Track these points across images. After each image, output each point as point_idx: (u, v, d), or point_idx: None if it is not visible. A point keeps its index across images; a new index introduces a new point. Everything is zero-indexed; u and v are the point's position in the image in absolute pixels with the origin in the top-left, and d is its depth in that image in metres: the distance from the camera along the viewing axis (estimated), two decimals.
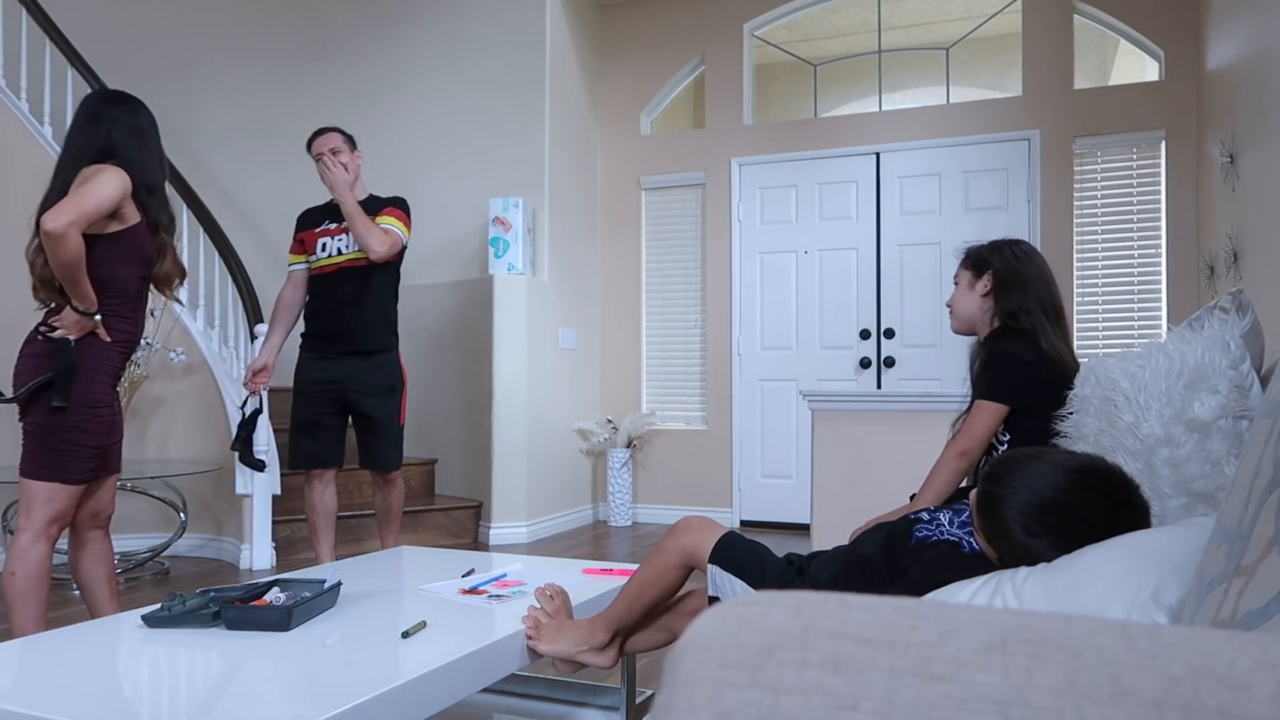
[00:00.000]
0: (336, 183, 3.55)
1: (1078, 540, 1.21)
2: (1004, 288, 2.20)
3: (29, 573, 2.50)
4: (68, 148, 2.57)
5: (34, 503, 2.51)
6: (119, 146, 2.54)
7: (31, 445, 2.52)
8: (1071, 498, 1.26)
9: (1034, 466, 1.31)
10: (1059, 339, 2.14)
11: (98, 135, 2.54)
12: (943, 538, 1.49)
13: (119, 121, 2.57)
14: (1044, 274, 2.22)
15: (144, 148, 2.59)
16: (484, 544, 5.10)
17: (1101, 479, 1.29)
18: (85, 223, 2.38)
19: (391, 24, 5.94)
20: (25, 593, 2.51)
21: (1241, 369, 1.57)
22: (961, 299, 2.28)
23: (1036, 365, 2.10)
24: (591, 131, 6.16)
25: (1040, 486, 1.28)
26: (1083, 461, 1.31)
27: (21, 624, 2.51)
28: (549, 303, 5.52)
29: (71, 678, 1.40)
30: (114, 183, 2.45)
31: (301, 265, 3.72)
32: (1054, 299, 2.20)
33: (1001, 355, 2.13)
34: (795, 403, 5.74)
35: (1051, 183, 5.23)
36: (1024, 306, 2.16)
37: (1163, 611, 0.98)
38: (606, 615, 1.82)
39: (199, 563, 4.58)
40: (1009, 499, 1.30)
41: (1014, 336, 2.16)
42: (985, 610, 0.41)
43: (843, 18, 5.92)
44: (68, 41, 4.61)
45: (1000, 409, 2.09)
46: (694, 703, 0.38)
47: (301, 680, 1.40)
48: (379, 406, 3.64)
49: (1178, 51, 5.02)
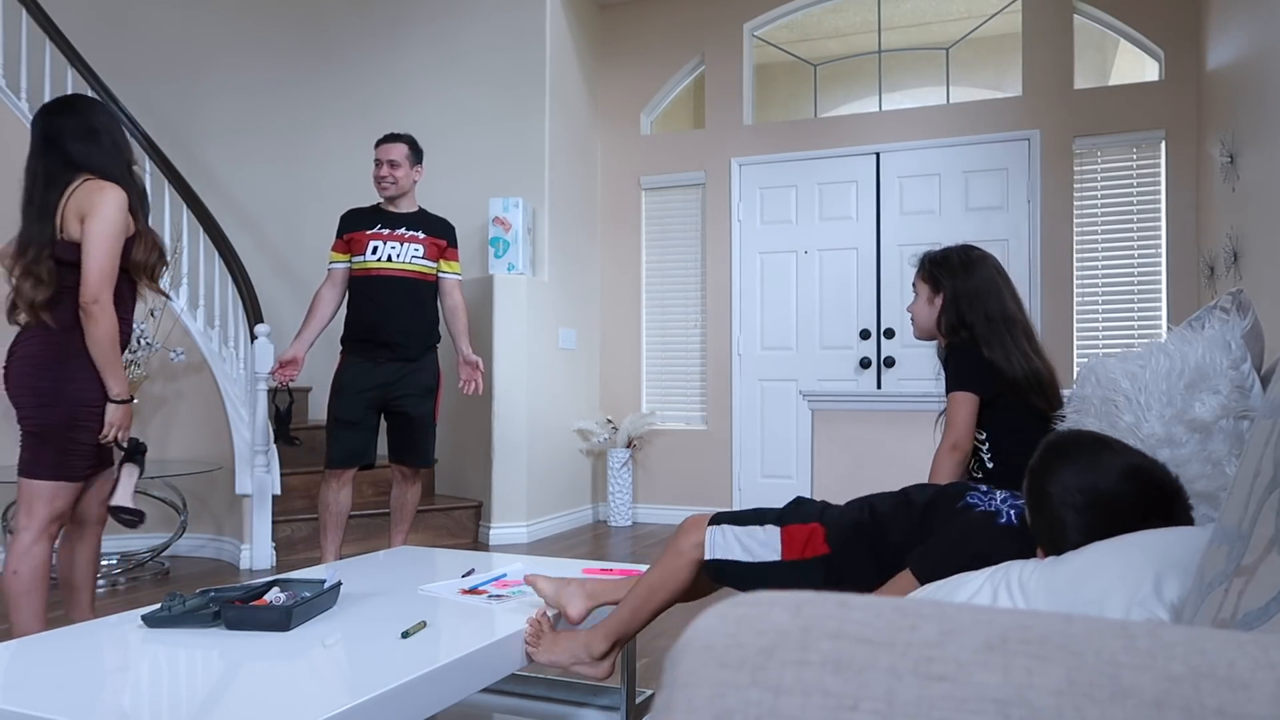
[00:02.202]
0: (457, 334, 3.91)
1: (1105, 530, 1.23)
2: (952, 306, 2.27)
3: (32, 571, 2.52)
4: (31, 174, 2.57)
5: (36, 501, 2.52)
6: (75, 155, 2.55)
7: (32, 445, 2.53)
8: (1117, 486, 1.29)
9: (1094, 449, 1.34)
10: (1012, 346, 2.19)
11: (55, 155, 2.56)
12: (987, 508, 1.58)
13: (66, 131, 2.57)
14: (993, 283, 2.27)
15: (98, 144, 2.59)
16: (484, 544, 5.10)
17: (1151, 480, 1.30)
18: (113, 273, 2.51)
19: (391, 23, 5.94)
20: (28, 591, 2.53)
21: (1242, 369, 1.57)
22: (920, 310, 2.37)
23: (991, 362, 2.19)
24: (591, 131, 6.16)
25: (1094, 466, 1.31)
26: (1144, 461, 1.33)
27: (24, 622, 2.53)
28: (549, 303, 5.52)
29: (71, 678, 1.40)
30: (114, 208, 2.50)
31: (344, 264, 3.79)
32: (1004, 308, 2.24)
33: (957, 351, 2.24)
34: (795, 403, 5.74)
35: (1051, 183, 5.23)
36: (966, 322, 2.24)
37: (1164, 605, 0.98)
38: (608, 626, 1.80)
39: (199, 563, 4.58)
40: (1061, 470, 1.33)
41: (966, 341, 2.26)
42: (985, 610, 0.41)
43: (843, 18, 5.92)
44: (68, 41, 4.61)
45: (972, 397, 2.18)
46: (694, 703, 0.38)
47: (301, 680, 1.40)
48: (418, 406, 3.77)
49: (1178, 51, 5.02)
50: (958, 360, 2.22)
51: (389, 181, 3.73)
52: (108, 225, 2.49)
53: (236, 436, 4.48)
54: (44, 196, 2.54)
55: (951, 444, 2.16)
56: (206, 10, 6.15)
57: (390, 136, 3.80)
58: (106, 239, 2.49)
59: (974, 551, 1.46)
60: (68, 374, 2.51)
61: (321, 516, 3.73)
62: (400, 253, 3.74)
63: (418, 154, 3.82)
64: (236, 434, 4.48)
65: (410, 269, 3.75)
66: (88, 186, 2.53)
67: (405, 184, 3.77)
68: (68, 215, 2.51)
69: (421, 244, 3.79)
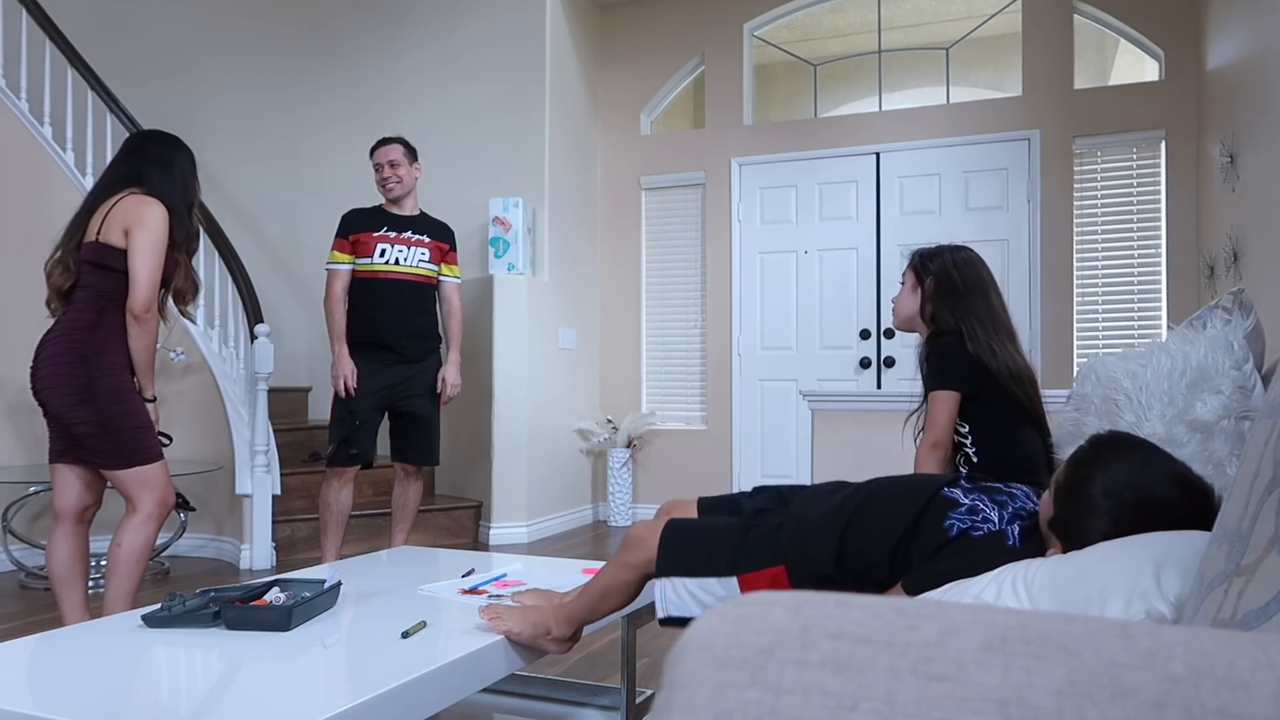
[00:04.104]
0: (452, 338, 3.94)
1: (1136, 527, 1.24)
2: (938, 297, 2.28)
3: (132, 549, 2.68)
4: (105, 177, 2.78)
5: (135, 488, 2.66)
6: (145, 175, 2.73)
7: (106, 439, 2.62)
8: (1162, 490, 1.30)
9: (1148, 451, 1.35)
10: (1000, 349, 2.19)
11: (131, 167, 2.75)
12: (990, 530, 1.49)
13: (148, 154, 2.77)
14: (982, 285, 2.27)
15: (169, 175, 2.77)
16: (484, 544, 5.10)
17: (1197, 490, 1.31)
18: (159, 284, 2.66)
19: (391, 23, 5.93)
20: (124, 565, 2.69)
21: (1244, 369, 1.57)
22: (903, 299, 2.37)
23: (974, 356, 2.18)
24: (591, 131, 6.15)
25: (1143, 467, 1.32)
26: (1188, 471, 1.34)
27: (115, 596, 2.69)
28: (549, 303, 5.52)
29: (71, 678, 1.40)
30: (159, 220, 2.65)
31: (348, 265, 3.79)
32: (990, 311, 2.24)
33: (943, 349, 2.23)
34: (795, 403, 5.73)
35: (1051, 183, 5.23)
36: (957, 315, 2.24)
37: (1165, 599, 0.99)
38: (570, 610, 1.74)
39: (199, 563, 4.58)
40: (1113, 461, 1.34)
41: (947, 335, 2.26)
42: (985, 610, 0.41)
43: (843, 18, 5.92)
44: (68, 41, 4.61)
45: (953, 395, 2.18)
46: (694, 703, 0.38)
47: (301, 680, 1.40)
48: (424, 406, 3.81)
49: (1178, 51, 5.02)
50: (939, 357, 2.23)
51: (394, 181, 3.76)
52: (154, 238, 2.62)
53: (236, 436, 4.48)
54: (96, 198, 2.72)
55: (932, 442, 2.17)
56: (206, 10, 6.15)
57: (383, 140, 3.83)
58: (154, 252, 2.62)
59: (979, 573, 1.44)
60: (90, 370, 2.61)
61: (322, 516, 3.74)
62: (407, 256, 3.76)
63: (413, 152, 3.85)
64: (236, 434, 4.48)
65: (416, 272, 3.79)
66: (134, 199, 2.66)
67: (409, 181, 3.80)
68: (111, 222, 2.64)
69: (427, 248, 3.82)
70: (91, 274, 2.64)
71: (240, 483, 4.43)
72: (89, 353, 2.60)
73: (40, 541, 4.28)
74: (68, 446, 2.68)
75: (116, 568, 2.67)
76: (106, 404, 2.60)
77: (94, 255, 2.62)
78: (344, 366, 3.70)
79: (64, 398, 2.59)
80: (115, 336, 2.65)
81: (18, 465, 4.47)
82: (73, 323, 2.63)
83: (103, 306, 2.64)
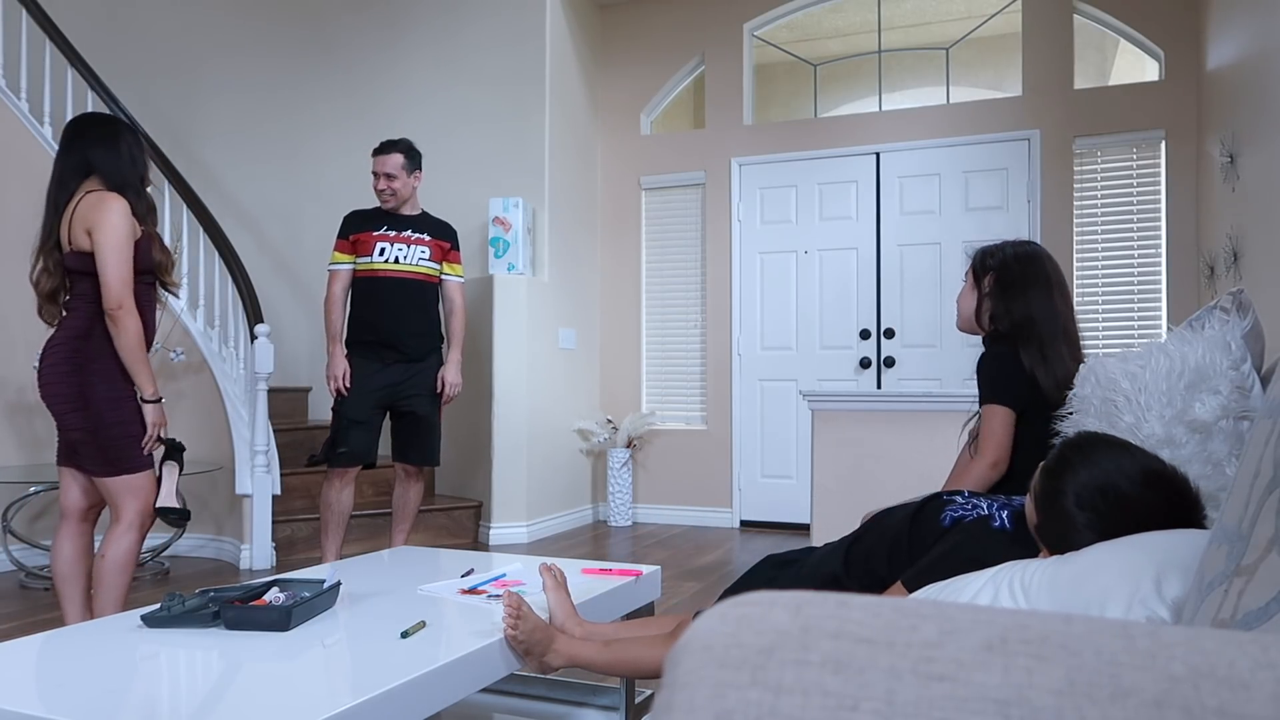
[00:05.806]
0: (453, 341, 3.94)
1: (1119, 532, 1.22)
2: (997, 295, 2.16)
3: (116, 558, 2.68)
4: (55, 173, 2.73)
5: (128, 496, 2.67)
6: (91, 157, 2.70)
7: (95, 445, 2.63)
8: (1135, 489, 1.28)
9: (1116, 450, 1.33)
10: (1052, 352, 2.07)
11: (76, 153, 2.71)
12: (977, 515, 1.54)
13: (89, 136, 2.73)
14: (1046, 280, 2.13)
15: (114, 151, 2.72)
16: (484, 544, 5.10)
17: (1172, 486, 1.30)
18: (130, 278, 2.62)
19: (391, 23, 5.93)
20: (117, 573, 2.70)
21: (1243, 369, 1.57)
22: (963, 298, 2.26)
23: (1028, 370, 2.08)
24: (591, 131, 6.15)
25: (1112, 468, 1.30)
26: (1163, 467, 1.33)
27: (103, 606, 2.69)
28: (549, 303, 5.52)
29: (71, 678, 1.40)
30: (119, 216, 2.61)
31: (349, 265, 3.79)
32: (1051, 312, 2.10)
33: (994, 357, 2.13)
34: (795, 403, 5.73)
35: (1051, 183, 5.23)
36: (1014, 317, 2.12)
37: (1165, 603, 0.99)
38: (586, 657, 1.71)
39: (199, 563, 4.58)
40: (1080, 468, 1.32)
41: (1004, 342, 2.15)
42: (985, 610, 0.41)
43: (843, 18, 5.92)
44: (68, 41, 4.61)
45: (1009, 412, 2.07)
46: (694, 703, 0.38)
47: (301, 680, 1.40)
48: (425, 405, 3.81)
49: (1178, 51, 5.02)
50: (993, 370, 2.11)
51: (388, 194, 3.76)
52: (117, 235, 2.60)
53: (236, 436, 4.48)
54: (56, 194, 2.69)
55: (993, 461, 2.05)
56: (206, 10, 6.15)
57: (385, 146, 3.77)
58: (118, 249, 2.59)
59: (968, 556, 1.45)
60: (87, 378, 2.62)
61: (323, 515, 3.74)
62: (407, 254, 3.76)
63: (414, 160, 3.81)
64: (236, 434, 4.48)
65: (417, 271, 3.79)
66: (90, 199, 2.63)
67: (404, 194, 3.79)
68: (74, 227, 2.62)
69: (428, 246, 3.82)
70: (80, 282, 2.66)
71: (240, 483, 4.43)
72: (84, 361, 2.62)
73: (40, 541, 4.28)
74: (68, 451, 2.72)
75: (103, 578, 2.68)
76: (99, 412, 2.62)
77: (76, 264, 2.64)
78: (337, 367, 3.71)
79: (61, 405, 2.62)
80: (110, 342, 2.66)
81: (18, 465, 4.47)
82: (70, 331, 2.65)
83: (95, 313, 2.65)
